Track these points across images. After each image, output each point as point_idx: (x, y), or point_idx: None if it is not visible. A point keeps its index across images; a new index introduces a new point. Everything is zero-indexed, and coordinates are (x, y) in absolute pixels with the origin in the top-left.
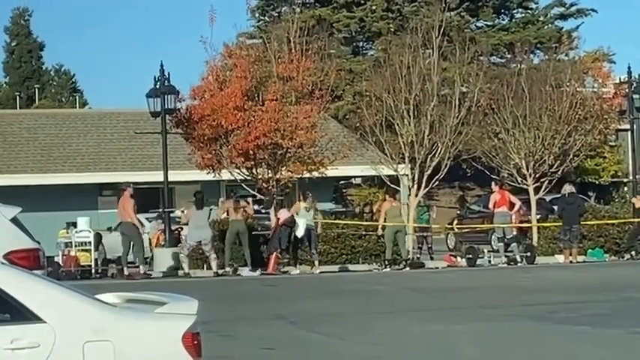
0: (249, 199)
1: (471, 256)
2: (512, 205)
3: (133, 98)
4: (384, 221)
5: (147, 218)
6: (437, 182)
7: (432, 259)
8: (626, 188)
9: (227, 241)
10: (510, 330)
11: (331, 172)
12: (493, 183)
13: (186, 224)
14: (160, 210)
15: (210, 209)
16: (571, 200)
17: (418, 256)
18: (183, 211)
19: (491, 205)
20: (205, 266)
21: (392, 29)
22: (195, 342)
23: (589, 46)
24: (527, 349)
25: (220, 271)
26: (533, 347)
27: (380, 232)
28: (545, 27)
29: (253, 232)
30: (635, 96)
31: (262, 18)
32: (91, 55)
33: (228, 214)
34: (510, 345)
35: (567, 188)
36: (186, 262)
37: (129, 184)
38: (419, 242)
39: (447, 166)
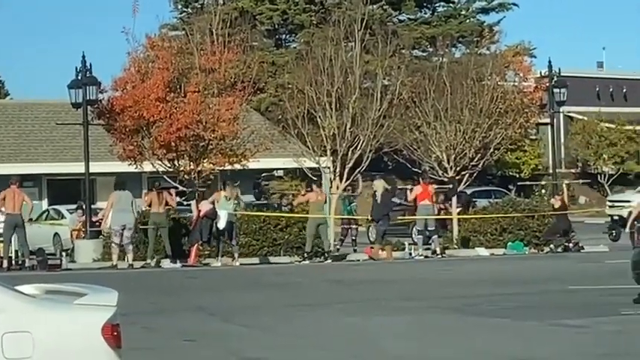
0: (172, 191)
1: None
2: (434, 198)
3: (54, 89)
4: (308, 213)
5: (68, 210)
6: (358, 174)
7: (355, 251)
8: (544, 182)
9: (150, 234)
10: (431, 322)
11: (253, 164)
12: (420, 178)
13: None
14: (81, 201)
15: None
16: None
17: (338, 248)
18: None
19: (411, 198)
20: (126, 258)
21: (314, 22)
22: (115, 333)
23: (510, 40)
24: (448, 340)
25: (138, 264)
26: (453, 339)
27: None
28: (467, 21)
29: (174, 224)
30: (556, 90)
31: (185, 10)
32: (10, 45)
33: (150, 206)
34: (431, 337)
35: (378, 184)
36: (116, 253)
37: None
38: (342, 234)
39: (369, 159)
